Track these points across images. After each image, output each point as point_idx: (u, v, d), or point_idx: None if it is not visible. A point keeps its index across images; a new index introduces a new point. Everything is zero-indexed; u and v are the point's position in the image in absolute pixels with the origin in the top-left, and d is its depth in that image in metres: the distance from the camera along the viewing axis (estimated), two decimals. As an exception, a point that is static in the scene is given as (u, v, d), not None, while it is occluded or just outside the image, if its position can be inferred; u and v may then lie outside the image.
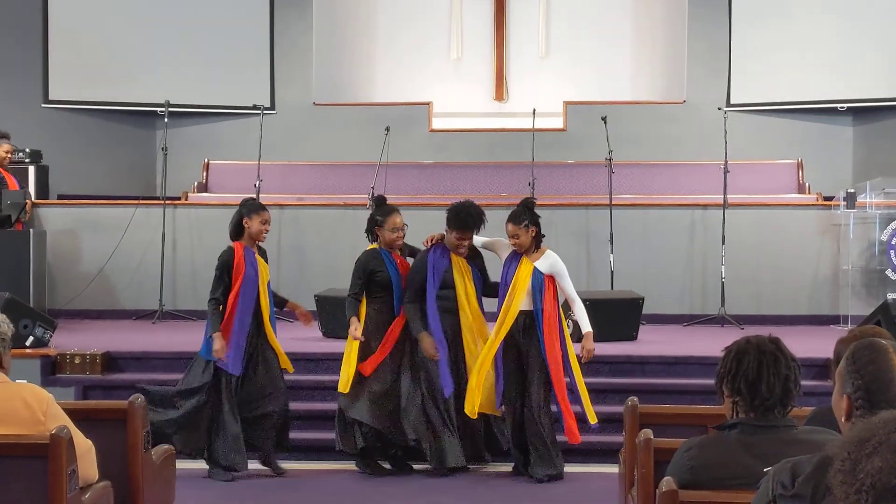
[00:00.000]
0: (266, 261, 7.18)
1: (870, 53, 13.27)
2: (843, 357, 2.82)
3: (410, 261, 7.10)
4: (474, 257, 7.11)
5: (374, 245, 7.05)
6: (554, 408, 6.87)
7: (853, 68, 13.32)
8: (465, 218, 6.87)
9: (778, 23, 13.54)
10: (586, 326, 6.94)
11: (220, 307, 6.91)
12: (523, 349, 6.82)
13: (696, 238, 11.38)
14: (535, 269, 6.83)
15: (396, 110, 13.70)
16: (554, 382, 6.72)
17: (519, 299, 6.79)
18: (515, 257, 6.90)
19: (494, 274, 7.24)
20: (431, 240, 7.03)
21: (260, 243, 7.11)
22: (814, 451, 2.66)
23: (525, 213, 6.84)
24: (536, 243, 6.90)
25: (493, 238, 7.21)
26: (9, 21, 13.62)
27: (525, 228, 6.78)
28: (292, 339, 8.59)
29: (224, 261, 6.96)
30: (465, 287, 6.96)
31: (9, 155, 10.94)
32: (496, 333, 6.80)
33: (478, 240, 7.12)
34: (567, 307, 7.29)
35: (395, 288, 6.94)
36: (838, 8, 13.38)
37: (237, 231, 7.06)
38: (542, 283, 6.83)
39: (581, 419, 6.81)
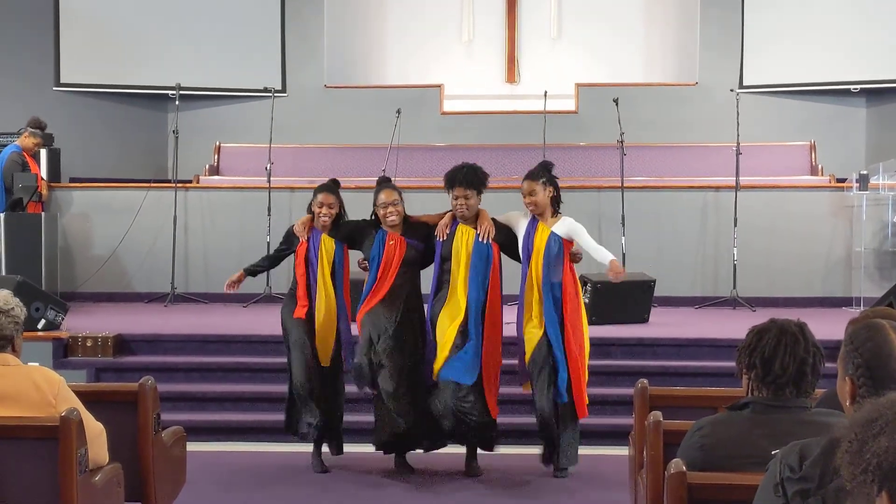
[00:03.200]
0: (340, 237, 6.77)
1: (883, 34, 13.20)
2: (843, 341, 2.82)
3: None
4: (498, 231, 6.59)
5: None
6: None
7: (866, 49, 13.25)
8: (456, 173, 6.54)
9: (791, 3, 13.48)
10: (607, 256, 6.62)
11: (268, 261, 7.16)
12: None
13: (709, 220, 11.36)
14: (552, 233, 6.54)
15: (408, 93, 13.70)
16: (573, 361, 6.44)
17: (539, 268, 6.52)
18: (532, 225, 6.58)
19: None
20: (445, 227, 6.60)
21: (323, 227, 6.71)
22: (824, 433, 2.65)
23: (543, 171, 6.59)
24: (555, 207, 6.61)
25: (506, 215, 6.80)
26: (21, 4, 13.64)
27: (542, 185, 6.51)
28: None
29: (288, 231, 6.93)
30: (460, 260, 6.51)
31: (36, 147, 11.22)
32: (528, 309, 6.54)
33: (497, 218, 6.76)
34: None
35: (373, 265, 6.56)
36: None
37: (310, 212, 6.84)
38: (561, 250, 6.54)
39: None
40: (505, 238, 6.64)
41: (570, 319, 6.50)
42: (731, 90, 12.43)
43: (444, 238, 6.58)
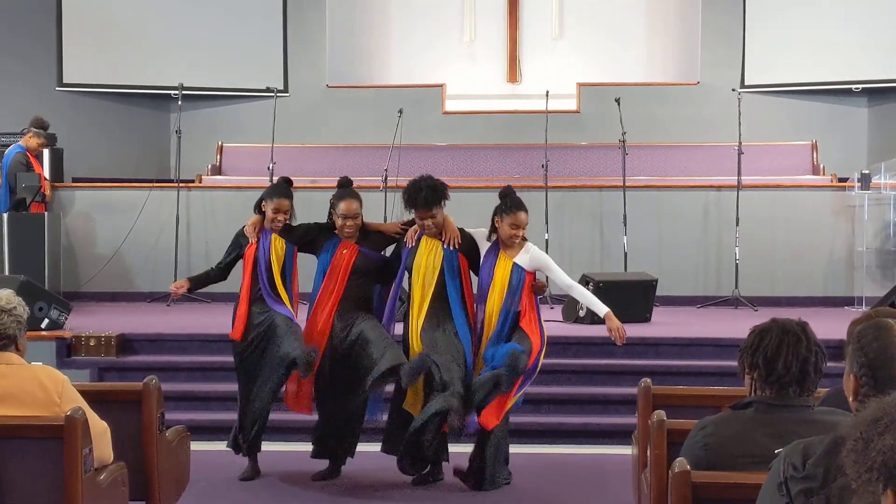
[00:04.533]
0: (292, 238, 6.45)
1: (885, 34, 13.20)
2: (850, 338, 2.83)
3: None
4: (464, 246, 6.22)
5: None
6: None
7: (868, 49, 13.25)
8: (415, 195, 6.10)
9: (792, 3, 13.48)
10: (601, 308, 6.30)
11: (217, 269, 6.66)
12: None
13: (710, 220, 11.37)
14: (515, 265, 6.14)
15: (409, 92, 13.70)
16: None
17: (498, 302, 6.10)
18: (493, 252, 6.20)
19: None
20: (414, 233, 6.26)
21: (273, 230, 6.39)
22: (828, 432, 2.66)
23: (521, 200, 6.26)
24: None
25: (472, 231, 6.37)
26: (23, 4, 13.64)
27: (527, 215, 6.20)
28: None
29: (237, 234, 6.58)
30: (421, 273, 6.17)
31: (40, 147, 11.24)
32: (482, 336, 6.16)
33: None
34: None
35: (319, 274, 6.33)
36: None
37: (259, 210, 6.52)
38: (522, 282, 6.12)
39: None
40: (468, 249, 6.24)
41: (533, 340, 6.07)
42: (733, 90, 12.43)
43: (412, 245, 6.23)
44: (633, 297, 9.45)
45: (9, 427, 4.08)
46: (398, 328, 6.47)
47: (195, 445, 5.73)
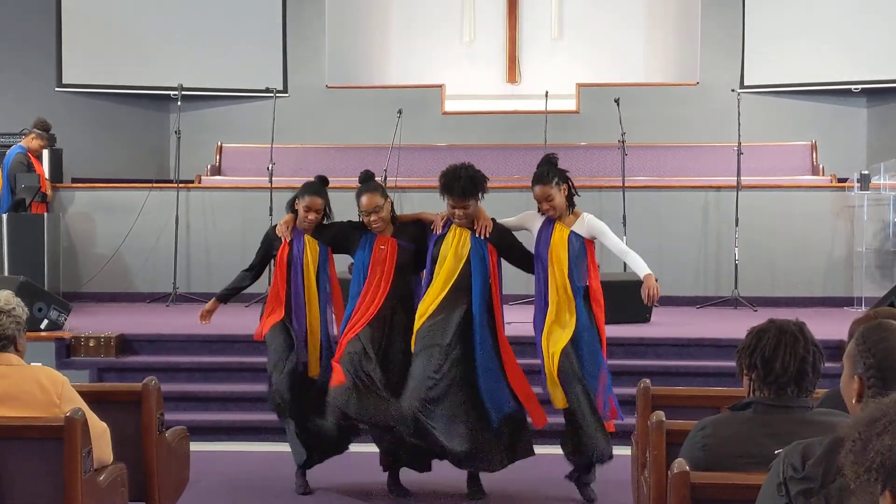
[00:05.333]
0: (325, 239, 6.29)
1: (884, 34, 13.21)
2: (853, 339, 2.83)
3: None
4: (494, 236, 6.01)
5: None
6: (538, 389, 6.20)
7: (867, 49, 13.26)
8: (453, 183, 5.88)
9: (792, 3, 13.49)
10: (643, 269, 6.08)
11: (249, 274, 6.42)
12: None
13: (710, 220, 11.37)
14: (572, 233, 5.96)
15: (409, 93, 13.71)
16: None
17: (562, 272, 5.90)
18: (548, 225, 6.00)
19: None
20: (442, 219, 6.05)
21: (305, 230, 6.21)
22: (827, 433, 2.66)
23: (552, 171, 6.00)
24: (570, 204, 6.04)
25: (519, 216, 6.28)
26: (23, 5, 13.64)
27: (557, 187, 5.93)
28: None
29: (267, 234, 6.39)
30: (447, 262, 5.95)
31: (41, 148, 11.28)
32: (552, 316, 5.94)
33: (507, 222, 6.22)
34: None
35: (355, 276, 6.17)
36: (853, -12, 13.34)
37: (292, 209, 6.32)
38: (584, 251, 5.98)
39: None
40: (500, 239, 6.05)
41: (599, 318, 6.06)
42: (732, 90, 12.43)
43: (440, 232, 6.04)
44: (633, 298, 9.41)
45: (9, 428, 4.08)
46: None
47: (195, 446, 5.74)
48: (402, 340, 6.01)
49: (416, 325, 5.94)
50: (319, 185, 6.27)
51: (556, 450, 6.19)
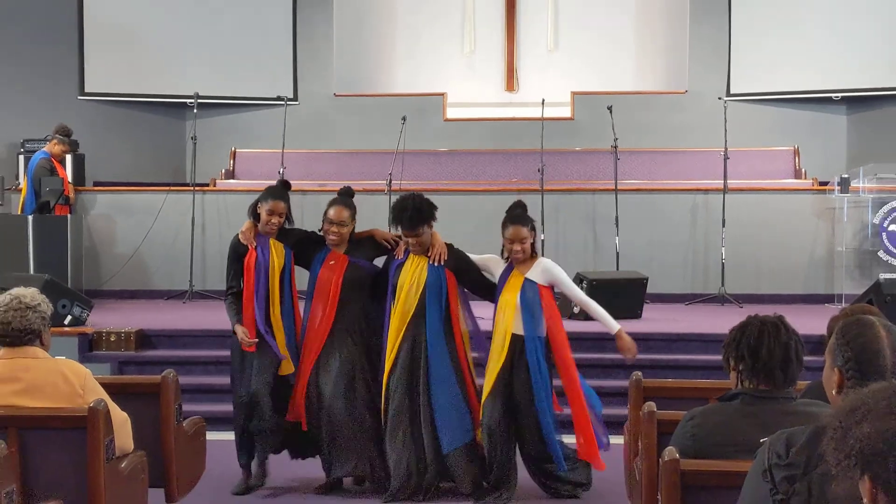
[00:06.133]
0: (289, 243, 6.03)
1: (863, 45, 13.21)
2: (833, 333, 2.84)
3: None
4: (451, 261, 5.82)
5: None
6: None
7: (847, 59, 13.27)
8: (400, 214, 5.69)
9: (775, 15, 13.48)
10: (614, 326, 5.97)
11: (235, 294, 5.97)
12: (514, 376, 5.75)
13: (698, 221, 11.37)
14: (527, 280, 5.71)
15: (413, 101, 13.70)
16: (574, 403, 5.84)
17: (509, 320, 5.67)
18: (507, 270, 5.78)
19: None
20: (405, 245, 5.86)
21: (268, 234, 5.96)
22: (809, 422, 2.67)
23: (527, 216, 5.81)
24: (532, 251, 5.83)
25: (482, 256, 5.97)
26: (46, 17, 13.64)
27: (530, 231, 5.73)
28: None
29: (232, 246, 6.02)
30: (405, 291, 5.74)
31: (64, 153, 11.22)
32: (495, 360, 5.74)
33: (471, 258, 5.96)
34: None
35: (309, 290, 5.94)
36: (834, 2, 13.32)
37: (255, 215, 6.03)
38: (538, 299, 5.70)
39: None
40: (457, 264, 5.83)
41: (560, 366, 5.84)
42: (719, 98, 12.43)
43: (401, 258, 5.82)
44: (625, 295, 9.46)
45: (35, 418, 4.09)
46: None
47: (210, 435, 5.73)
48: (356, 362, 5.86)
49: (388, 359, 5.78)
50: (282, 190, 6.03)
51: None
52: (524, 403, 5.73)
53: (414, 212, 5.67)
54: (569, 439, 6.05)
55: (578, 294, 6.01)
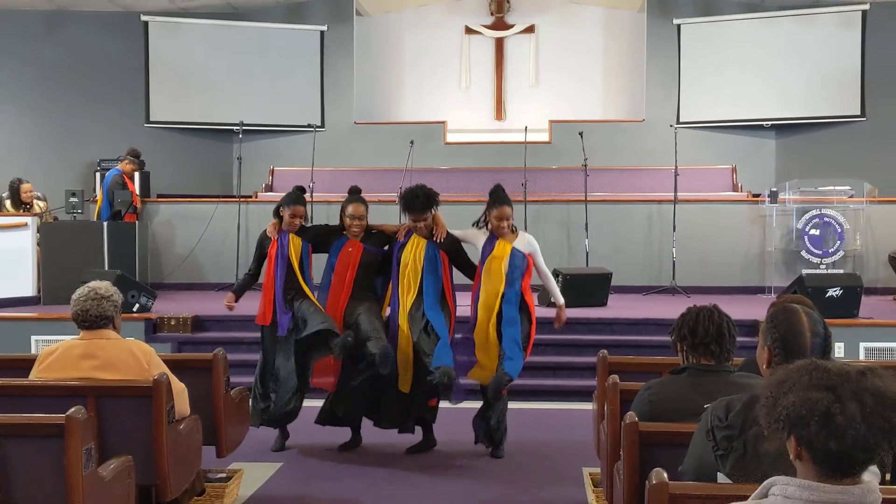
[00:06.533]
0: (306, 238, 6.06)
1: (788, 83, 13.23)
2: (765, 318, 2.86)
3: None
4: (445, 244, 5.86)
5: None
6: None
7: (775, 94, 13.28)
8: (412, 201, 5.75)
9: (716, 58, 13.50)
10: (560, 299, 6.00)
11: (250, 275, 6.20)
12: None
13: (653, 226, 11.37)
14: (514, 249, 5.74)
15: (418, 128, 13.71)
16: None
17: (495, 283, 5.68)
18: (492, 240, 5.80)
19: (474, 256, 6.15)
20: (403, 230, 5.92)
21: (290, 231, 6.00)
22: (745, 392, 2.67)
23: (507, 196, 5.85)
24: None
25: (464, 230, 6.01)
26: (119, 58, 13.67)
27: (511, 208, 5.82)
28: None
29: (260, 238, 6.13)
30: (407, 265, 5.80)
31: (133, 171, 11.21)
32: (485, 313, 5.71)
33: (455, 233, 5.99)
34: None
35: (326, 269, 5.97)
36: (763, 47, 13.33)
37: (277, 215, 6.12)
38: (525, 265, 5.74)
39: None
40: (450, 246, 5.86)
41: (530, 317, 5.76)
42: (671, 125, 12.44)
43: (402, 240, 5.86)
44: (593, 287, 9.47)
45: (109, 388, 4.10)
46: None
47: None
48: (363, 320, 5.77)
49: (404, 315, 5.76)
50: (300, 195, 6.08)
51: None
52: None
53: (424, 198, 5.75)
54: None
55: (544, 267, 5.90)
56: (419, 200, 5.75)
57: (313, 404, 6.23)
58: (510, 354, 5.59)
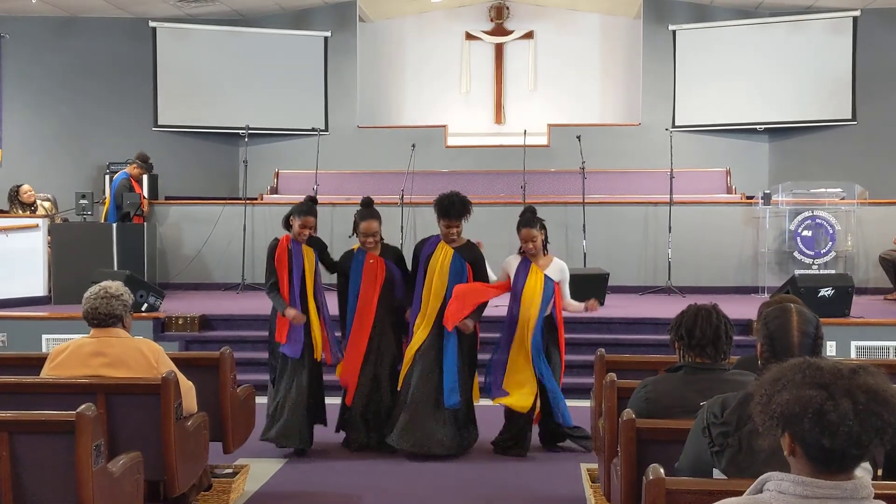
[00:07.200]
0: (317, 247, 6.04)
1: (780, 88, 13.22)
2: (757, 315, 2.87)
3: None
4: (470, 254, 5.83)
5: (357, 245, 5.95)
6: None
7: (769, 97, 13.27)
8: (449, 207, 5.68)
9: (711, 64, 13.49)
10: (581, 307, 5.97)
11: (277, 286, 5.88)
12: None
13: (649, 228, 11.37)
14: (547, 277, 5.77)
15: (420, 131, 13.70)
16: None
17: (534, 309, 5.69)
18: (524, 267, 5.81)
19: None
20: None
21: (300, 241, 5.92)
22: (739, 389, 2.68)
23: (535, 218, 5.81)
24: (544, 247, 5.88)
25: (500, 276, 6.00)
26: (128, 63, 13.67)
27: (540, 230, 5.78)
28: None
29: (269, 249, 5.91)
30: (433, 274, 5.76)
31: (141, 174, 11.22)
32: (521, 338, 5.75)
33: (492, 276, 5.99)
34: None
35: (352, 285, 5.88)
36: (757, 53, 13.32)
37: (287, 226, 6.03)
38: (553, 292, 5.79)
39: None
40: (474, 260, 5.82)
41: (561, 343, 5.87)
42: (666, 129, 12.44)
43: (431, 249, 5.82)
44: (591, 287, 9.43)
45: (118, 385, 4.10)
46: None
47: (259, 400, 5.72)
48: (391, 342, 5.89)
49: (430, 318, 5.75)
50: (311, 206, 6.00)
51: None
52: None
53: (460, 205, 5.69)
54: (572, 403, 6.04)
55: (567, 292, 5.97)
56: (455, 207, 5.68)
57: (330, 402, 6.20)
58: (555, 404, 5.77)
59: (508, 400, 5.78)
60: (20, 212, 10.83)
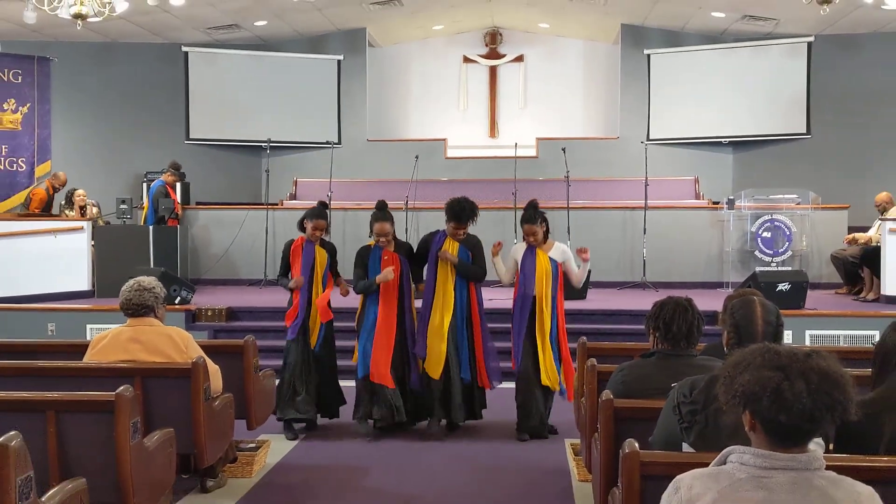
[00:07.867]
0: (329, 251, 6.01)
1: (744, 104, 13.22)
2: (723, 307, 2.87)
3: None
4: (470, 242, 5.84)
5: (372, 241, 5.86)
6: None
7: (733, 114, 13.27)
8: (460, 212, 5.68)
9: (681, 83, 13.48)
10: (585, 269, 5.92)
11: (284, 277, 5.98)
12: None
13: (627, 230, 11.36)
14: (551, 259, 5.75)
15: (423, 144, 13.70)
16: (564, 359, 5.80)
17: (547, 287, 5.67)
18: (531, 252, 5.75)
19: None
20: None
21: (314, 241, 5.92)
22: (707, 372, 2.67)
23: (536, 213, 5.78)
24: (545, 236, 5.84)
25: (508, 263, 5.90)
26: (162, 84, 13.65)
27: (541, 225, 5.75)
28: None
29: (285, 247, 6.02)
30: (446, 265, 5.76)
31: (175, 181, 11.21)
32: (545, 318, 5.71)
33: (502, 260, 5.89)
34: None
35: (371, 275, 5.73)
36: (723, 74, 13.32)
37: (301, 228, 6.05)
38: (557, 272, 5.76)
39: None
40: (475, 249, 5.81)
41: (560, 323, 5.81)
42: (642, 142, 12.41)
43: (440, 245, 5.78)
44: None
45: (153, 369, 4.10)
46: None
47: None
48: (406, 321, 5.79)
49: (450, 303, 5.72)
50: (323, 210, 5.98)
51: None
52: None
53: (469, 210, 5.71)
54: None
55: (574, 266, 5.89)
56: (466, 213, 5.69)
57: (345, 384, 6.16)
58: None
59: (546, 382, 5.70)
60: (70, 213, 10.84)
